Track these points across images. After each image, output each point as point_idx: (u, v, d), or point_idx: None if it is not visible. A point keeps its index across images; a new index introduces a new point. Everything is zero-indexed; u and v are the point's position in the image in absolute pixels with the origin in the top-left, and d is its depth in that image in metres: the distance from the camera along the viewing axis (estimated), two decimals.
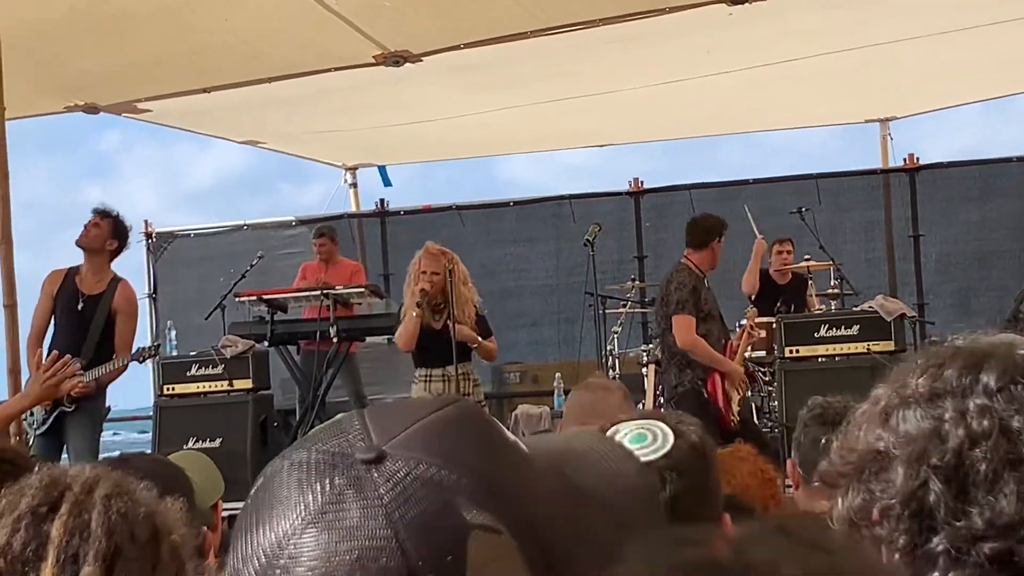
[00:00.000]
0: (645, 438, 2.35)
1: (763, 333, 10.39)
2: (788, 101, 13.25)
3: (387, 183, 15.34)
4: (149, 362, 12.72)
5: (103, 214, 9.14)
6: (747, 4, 9.06)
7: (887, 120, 14.29)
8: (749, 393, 9.88)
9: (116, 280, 9.21)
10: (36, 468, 2.28)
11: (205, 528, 3.32)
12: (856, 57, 10.98)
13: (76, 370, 8.04)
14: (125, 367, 9.14)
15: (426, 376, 9.12)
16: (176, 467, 3.37)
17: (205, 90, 10.36)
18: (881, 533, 1.38)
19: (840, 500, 1.42)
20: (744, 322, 10.51)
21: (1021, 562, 1.32)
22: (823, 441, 3.92)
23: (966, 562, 1.33)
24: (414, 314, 8.90)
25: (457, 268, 9.05)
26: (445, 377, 9.02)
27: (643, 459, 2.22)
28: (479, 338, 9.05)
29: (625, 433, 2.36)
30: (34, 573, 1.97)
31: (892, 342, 9.70)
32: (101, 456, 9.24)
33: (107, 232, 9.11)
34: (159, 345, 10.03)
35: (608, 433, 2.29)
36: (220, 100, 10.63)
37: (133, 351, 9.28)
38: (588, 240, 10.24)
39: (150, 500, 2.08)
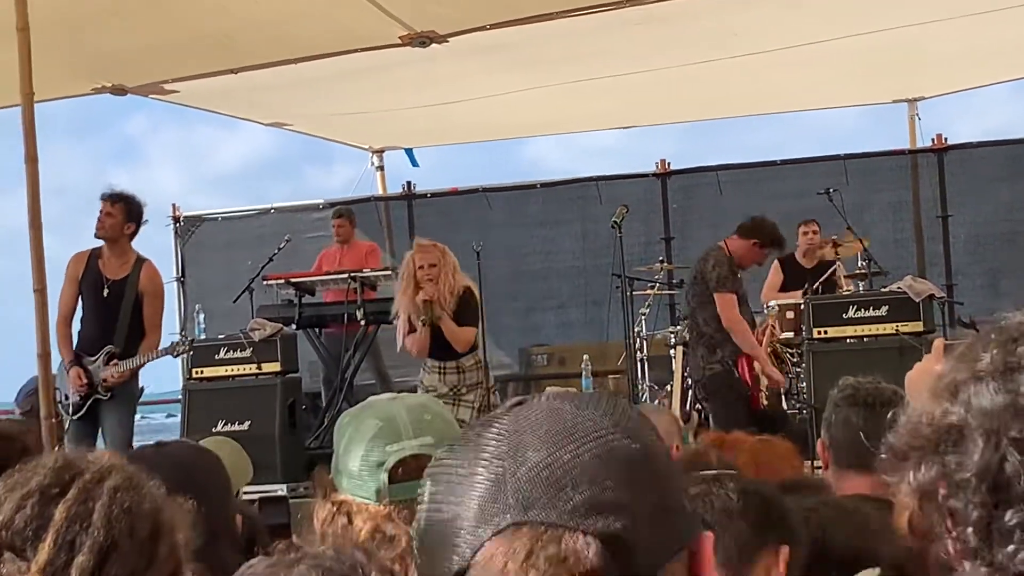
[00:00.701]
0: None
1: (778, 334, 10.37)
2: (815, 81, 13.20)
3: (414, 163, 15.37)
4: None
5: (113, 199, 9.05)
6: None
7: (915, 100, 14.22)
8: (783, 386, 9.89)
9: (140, 261, 9.21)
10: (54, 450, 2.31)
11: (239, 515, 3.33)
12: (884, 38, 10.93)
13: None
14: (157, 359, 9.19)
15: (439, 368, 9.10)
16: (212, 454, 3.38)
17: (233, 71, 10.37)
18: (955, 506, 1.36)
19: (912, 474, 1.40)
20: (765, 312, 10.53)
21: None
22: (854, 421, 3.94)
23: None
24: (423, 325, 8.87)
25: (447, 258, 9.00)
26: (459, 368, 9.06)
27: None
28: (452, 324, 8.96)
29: None
30: (31, 551, 1.99)
31: (921, 323, 9.66)
32: (135, 440, 9.31)
33: (122, 217, 9.07)
34: (192, 341, 10.06)
35: None
36: (247, 81, 10.64)
37: (167, 345, 9.33)
38: (616, 222, 10.24)
39: (158, 497, 2.10)
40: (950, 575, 1.35)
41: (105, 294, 9.06)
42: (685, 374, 10.48)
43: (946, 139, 13.93)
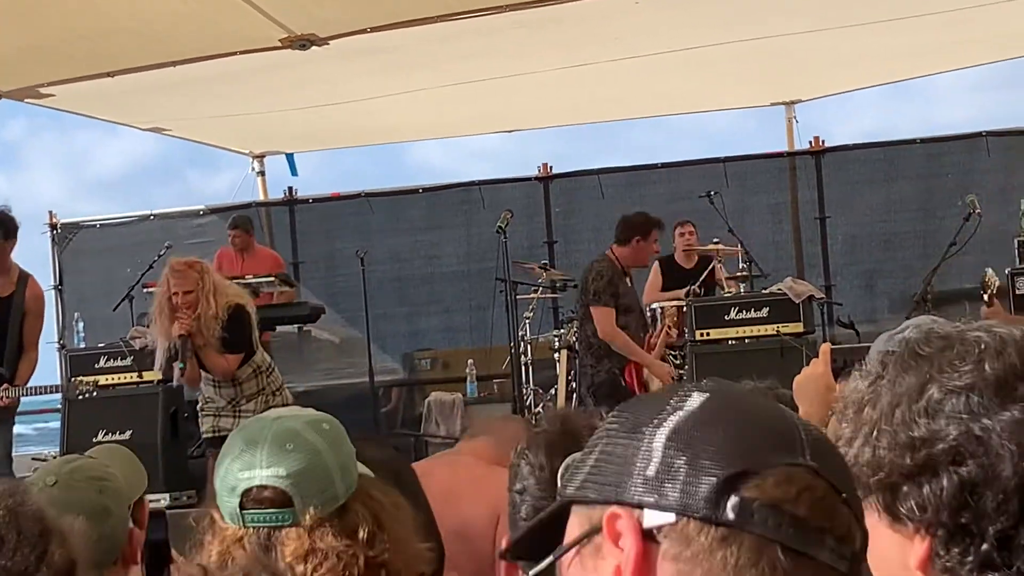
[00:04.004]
0: None
1: (675, 334, 10.43)
2: (695, 85, 13.35)
3: (294, 172, 15.26)
4: (56, 354, 12.64)
5: None
6: None
7: (792, 103, 14.40)
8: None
9: (24, 278, 9.02)
10: None
11: (132, 525, 3.26)
12: (761, 43, 11.08)
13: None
14: (54, 394, 9.08)
15: (215, 380, 8.55)
16: None
17: (109, 74, 10.22)
18: (963, 522, 1.43)
19: (915, 490, 1.45)
20: (659, 308, 10.60)
21: None
22: None
23: None
24: (181, 366, 8.23)
25: (207, 278, 8.29)
26: (235, 381, 8.50)
27: None
28: (213, 355, 8.33)
29: None
30: None
31: (801, 323, 9.80)
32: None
33: (1, 240, 8.85)
34: (95, 384, 9.81)
35: None
36: (125, 84, 10.50)
37: (69, 381, 9.21)
38: (500, 227, 10.27)
39: (42, 506, 2.11)
40: None
41: None
42: (569, 377, 10.52)
43: (823, 141, 14.11)
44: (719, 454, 1.23)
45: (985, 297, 8.15)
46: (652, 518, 1.23)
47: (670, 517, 1.23)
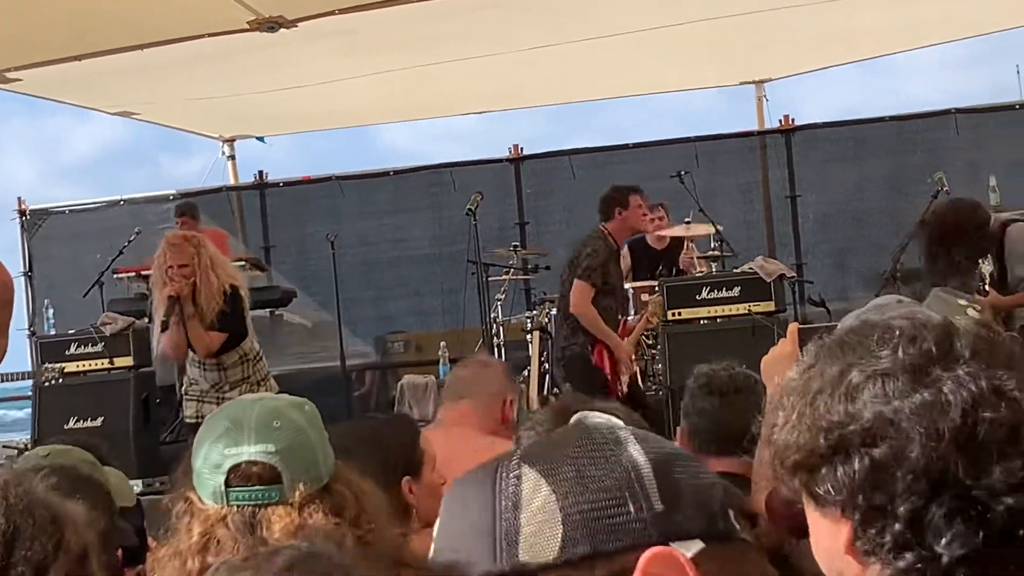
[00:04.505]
0: None
1: (655, 323, 10.44)
2: (665, 64, 13.34)
3: (261, 140, 15.16)
4: (27, 341, 12.58)
5: None
6: None
7: (762, 82, 14.42)
8: (636, 369, 9.94)
9: None
10: None
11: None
12: (730, 21, 11.08)
13: None
14: (19, 379, 9.02)
15: (200, 362, 8.47)
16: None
17: (77, 58, 10.15)
18: (878, 503, 1.46)
19: (831, 472, 1.49)
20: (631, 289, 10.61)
21: None
22: (710, 410, 4.04)
23: (983, 520, 1.41)
24: (161, 328, 8.14)
25: (204, 252, 8.21)
26: (220, 365, 8.45)
27: None
28: (199, 327, 8.24)
29: None
30: None
31: (772, 302, 9.82)
32: None
33: None
34: (62, 370, 9.76)
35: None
36: (93, 68, 10.42)
37: (41, 367, 9.16)
38: (470, 209, 10.27)
39: (46, 491, 2.10)
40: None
41: None
42: (542, 359, 10.52)
43: (793, 120, 14.13)
44: (702, 473, 1.28)
45: (986, 287, 8.28)
46: (683, 549, 1.23)
47: (699, 544, 1.23)
